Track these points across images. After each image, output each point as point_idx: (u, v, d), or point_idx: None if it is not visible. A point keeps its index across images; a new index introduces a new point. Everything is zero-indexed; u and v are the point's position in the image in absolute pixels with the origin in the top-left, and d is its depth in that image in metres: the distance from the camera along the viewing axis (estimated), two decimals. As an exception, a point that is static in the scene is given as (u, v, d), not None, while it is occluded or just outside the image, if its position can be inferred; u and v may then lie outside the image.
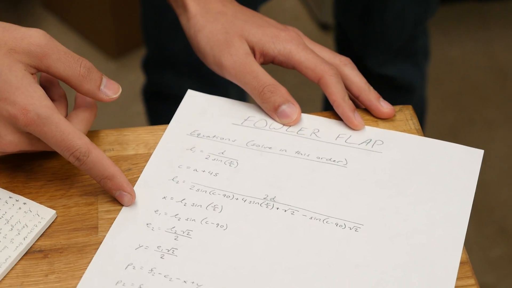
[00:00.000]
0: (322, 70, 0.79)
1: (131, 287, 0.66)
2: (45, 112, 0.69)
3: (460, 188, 0.73)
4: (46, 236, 0.70)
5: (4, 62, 0.70)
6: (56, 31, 2.27)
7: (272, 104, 0.79)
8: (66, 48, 0.73)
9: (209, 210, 0.71)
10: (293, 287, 0.65)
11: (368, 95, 0.80)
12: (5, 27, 0.72)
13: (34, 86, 0.70)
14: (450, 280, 0.66)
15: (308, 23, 2.28)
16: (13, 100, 0.69)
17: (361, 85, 0.81)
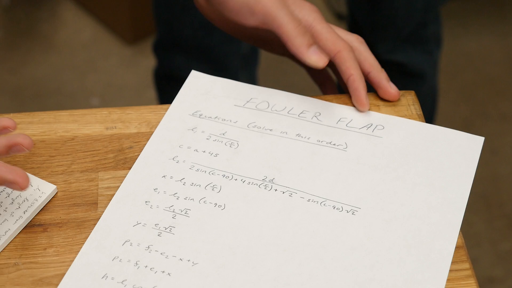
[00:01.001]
0: (339, 45, 0.79)
1: (127, 264, 0.66)
2: None
3: (459, 175, 0.73)
4: (46, 210, 0.71)
5: None
6: (72, 16, 2.28)
7: (304, 46, 0.78)
8: None
9: (208, 190, 0.72)
10: (288, 268, 0.66)
11: (379, 73, 0.80)
12: None
13: None
14: (445, 264, 0.66)
15: (324, 12, 2.28)
16: None
17: (373, 63, 0.81)
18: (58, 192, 0.72)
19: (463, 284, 0.66)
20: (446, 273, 0.65)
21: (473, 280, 0.66)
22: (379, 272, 0.65)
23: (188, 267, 0.66)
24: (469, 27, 2.27)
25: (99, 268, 0.66)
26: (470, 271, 0.66)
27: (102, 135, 0.77)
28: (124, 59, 2.18)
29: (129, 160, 0.75)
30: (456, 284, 0.65)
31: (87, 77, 2.14)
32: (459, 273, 0.66)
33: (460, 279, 0.66)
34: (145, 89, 2.09)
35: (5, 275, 0.66)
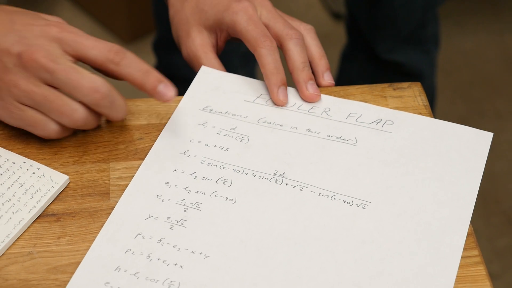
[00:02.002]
0: (256, 42, 0.79)
1: (140, 256, 0.67)
2: None
3: (468, 170, 0.73)
4: (59, 200, 0.72)
5: None
6: (70, 15, 2.29)
7: None
8: None
9: (219, 184, 0.73)
10: (299, 261, 0.67)
11: (299, 75, 0.80)
12: (25, 20, 0.73)
13: None
14: (455, 258, 0.67)
15: (321, 12, 2.29)
16: None
17: (295, 64, 0.80)
18: (70, 183, 0.73)
19: (472, 270, 0.66)
20: (456, 266, 0.66)
21: (482, 266, 0.67)
22: (389, 266, 0.66)
23: (200, 260, 0.67)
24: (465, 26, 2.28)
25: (112, 261, 0.67)
26: (479, 257, 0.67)
27: (113, 126, 0.78)
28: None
29: (140, 151, 0.76)
30: (466, 270, 0.66)
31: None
32: (469, 260, 0.67)
33: (470, 266, 0.67)
34: (143, 87, 2.09)
35: (20, 263, 0.67)
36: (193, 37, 0.84)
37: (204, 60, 0.83)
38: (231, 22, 0.81)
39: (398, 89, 0.81)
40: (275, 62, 0.79)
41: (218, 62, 0.83)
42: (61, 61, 0.71)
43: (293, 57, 0.80)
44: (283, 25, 0.81)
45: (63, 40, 0.72)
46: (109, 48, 0.73)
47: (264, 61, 0.79)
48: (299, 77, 0.80)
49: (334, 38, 2.14)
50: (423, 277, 0.65)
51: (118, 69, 0.73)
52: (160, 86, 0.74)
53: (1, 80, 0.72)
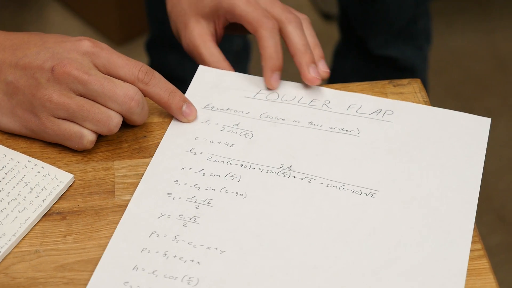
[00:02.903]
0: (258, 23, 0.80)
1: (156, 254, 0.67)
2: None
3: (470, 154, 0.75)
4: (64, 199, 0.72)
5: None
6: (60, 18, 2.28)
7: None
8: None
9: (228, 180, 0.73)
10: (313, 251, 0.67)
11: (301, 57, 0.81)
12: (56, 39, 0.75)
13: None
14: (466, 241, 0.68)
15: (311, 12, 2.29)
16: None
17: (297, 46, 0.81)
18: (75, 181, 0.73)
19: (476, 264, 0.67)
20: (468, 250, 0.67)
21: (486, 260, 0.67)
22: (402, 252, 0.67)
23: (216, 255, 0.67)
24: (454, 25, 2.29)
25: (129, 260, 0.67)
26: (482, 251, 0.68)
27: (116, 124, 0.78)
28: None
29: (143, 149, 0.76)
30: (470, 264, 0.67)
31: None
32: (472, 254, 0.67)
33: (473, 259, 0.67)
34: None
35: (27, 262, 0.67)
36: (191, 28, 0.84)
37: (203, 49, 0.83)
38: (229, 6, 0.81)
39: (398, 85, 0.82)
40: (275, 45, 0.80)
41: (217, 50, 0.84)
42: (93, 72, 0.73)
43: (294, 40, 0.80)
44: (281, 9, 0.82)
45: (95, 55, 0.74)
46: (139, 67, 0.75)
47: (265, 43, 0.79)
48: (301, 59, 0.80)
49: (325, 38, 2.14)
50: (436, 261, 0.66)
51: (147, 89, 0.75)
52: (184, 106, 0.77)
53: (34, 97, 0.73)
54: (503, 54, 2.22)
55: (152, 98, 0.76)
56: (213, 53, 0.83)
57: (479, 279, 0.66)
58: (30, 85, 0.73)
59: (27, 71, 0.73)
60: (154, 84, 0.76)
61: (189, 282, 0.65)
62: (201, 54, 0.83)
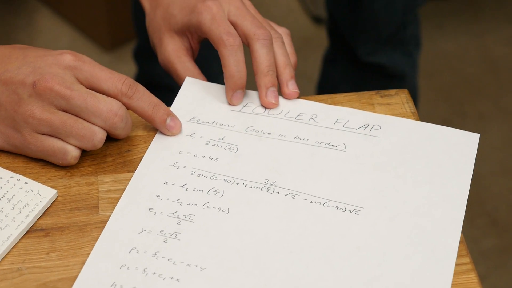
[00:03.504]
0: (219, 41, 0.79)
1: (135, 271, 0.66)
2: None
3: (458, 171, 0.74)
4: (47, 215, 0.71)
5: None
6: (50, 24, 2.27)
7: None
8: None
9: (211, 195, 0.72)
10: (296, 269, 0.66)
11: (261, 79, 0.80)
12: (38, 53, 0.74)
13: None
14: (450, 260, 0.67)
15: (302, 16, 2.29)
16: None
17: (260, 67, 0.80)
18: (58, 197, 0.72)
19: (464, 278, 0.66)
20: (452, 268, 0.66)
21: (474, 274, 0.67)
22: (386, 270, 0.66)
23: (196, 272, 0.66)
24: (445, 28, 2.29)
25: (108, 277, 0.66)
26: (470, 265, 0.67)
27: (100, 139, 0.77)
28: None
29: (128, 163, 0.75)
30: (457, 278, 0.66)
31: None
32: (460, 268, 0.67)
33: (461, 273, 0.67)
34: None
35: (9, 280, 0.66)
36: (166, 44, 0.84)
37: (177, 64, 0.83)
38: (196, 23, 0.81)
39: (386, 96, 0.82)
40: (236, 64, 0.78)
41: (192, 64, 0.83)
42: (76, 87, 0.72)
43: (259, 60, 0.79)
44: (251, 23, 0.80)
45: (77, 69, 0.73)
46: (122, 81, 0.74)
47: (225, 62, 0.79)
48: (261, 81, 0.79)
49: (316, 42, 2.15)
50: (420, 280, 0.66)
51: (130, 102, 0.75)
52: (168, 120, 0.76)
53: (16, 113, 0.72)
54: (495, 56, 2.21)
55: (135, 111, 0.76)
56: (188, 68, 0.83)
57: (467, 294, 0.66)
58: (11, 101, 0.72)
59: (9, 86, 0.72)
60: (138, 98, 0.75)
61: None
62: (176, 69, 0.83)
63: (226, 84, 0.79)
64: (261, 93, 0.79)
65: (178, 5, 0.83)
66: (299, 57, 0.88)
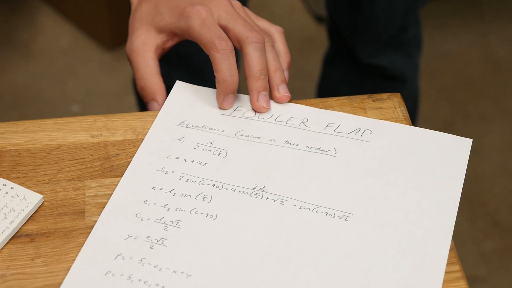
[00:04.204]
0: (210, 45, 0.78)
1: (120, 278, 0.65)
2: None
3: (449, 177, 0.73)
4: (33, 220, 0.70)
5: None
6: (51, 23, 2.27)
7: (142, 98, 0.83)
8: None
9: (199, 200, 0.71)
10: (283, 276, 0.65)
11: (253, 83, 0.79)
12: None
13: None
14: (439, 268, 0.66)
15: (304, 15, 2.28)
16: None
17: (252, 71, 0.79)
18: (44, 202, 0.72)
19: (453, 286, 0.66)
20: (442, 276, 0.65)
21: (464, 282, 0.66)
22: (374, 278, 0.65)
23: (182, 280, 0.65)
24: (448, 28, 2.28)
25: (92, 284, 0.65)
26: (460, 273, 0.66)
27: (88, 143, 0.77)
28: (104, 64, 2.17)
29: (115, 168, 0.74)
30: (447, 286, 0.65)
31: (67, 84, 2.12)
32: (450, 275, 0.66)
33: (451, 281, 0.66)
34: (125, 94, 2.08)
35: (-7, 287, 0.66)
36: (138, 34, 0.83)
37: (140, 57, 0.82)
38: (185, 26, 0.80)
39: (378, 100, 0.81)
40: (229, 68, 0.78)
41: (154, 62, 0.83)
42: None
43: (251, 63, 0.78)
44: (243, 26, 0.79)
45: None
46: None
47: (218, 67, 0.78)
48: (252, 85, 0.79)
49: (318, 42, 2.14)
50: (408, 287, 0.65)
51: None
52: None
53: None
54: (497, 57, 2.20)
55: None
56: (148, 64, 0.82)
57: (457, 302, 0.65)
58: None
59: None
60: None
61: None
62: (137, 62, 0.82)
63: (218, 88, 0.79)
64: (252, 97, 0.79)
65: (167, 4, 0.82)
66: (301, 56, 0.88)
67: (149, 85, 0.81)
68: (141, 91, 0.83)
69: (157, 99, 0.81)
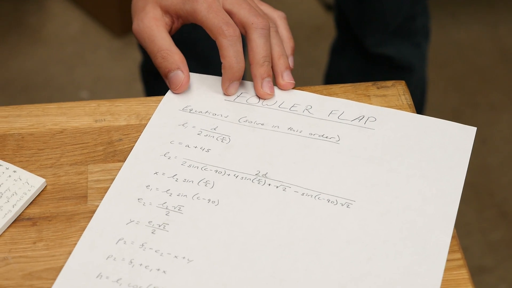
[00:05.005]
0: (218, 31, 0.78)
1: (121, 262, 0.66)
2: None
3: (453, 166, 0.72)
4: (35, 204, 0.70)
5: None
6: (61, 9, 2.27)
7: (162, 70, 0.80)
8: None
9: (201, 186, 0.71)
10: (284, 263, 0.65)
11: (257, 70, 0.79)
12: None
13: None
14: (441, 256, 0.66)
15: (313, 4, 2.27)
16: None
17: (256, 57, 0.79)
18: (47, 186, 0.72)
19: (455, 274, 0.65)
20: (443, 264, 0.65)
21: (465, 270, 0.66)
22: (375, 266, 0.65)
23: (183, 265, 0.65)
24: (458, 17, 2.27)
25: (93, 268, 0.65)
26: (462, 261, 0.66)
27: (91, 127, 0.77)
28: (113, 51, 2.17)
29: (118, 152, 0.74)
30: (448, 274, 0.65)
31: (76, 70, 2.13)
32: (451, 263, 0.66)
33: (452, 269, 0.66)
34: (134, 81, 2.08)
35: (-6, 270, 0.66)
36: (147, 11, 0.82)
37: (155, 31, 0.80)
38: (191, 9, 0.79)
39: (382, 87, 0.80)
40: (236, 55, 0.77)
41: (168, 35, 0.81)
42: None
43: (255, 50, 0.78)
44: (248, 12, 0.79)
45: None
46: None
47: (224, 53, 0.77)
48: (256, 72, 0.78)
49: (327, 30, 2.13)
50: (410, 276, 0.64)
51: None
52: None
53: None
54: (508, 47, 2.19)
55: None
56: (165, 37, 0.80)
57: (458, 290, 0.65)
58: None
59: None
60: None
61: None
62: (153, 35, 0.80)
63: (223, 75, 0.78)
64: (256, 83, 0.78)
65: None
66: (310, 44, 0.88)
67: (171, 54, 0.79)
68: (162, 62, 0.80)
69: (181, 67, 0.79)
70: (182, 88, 0.79)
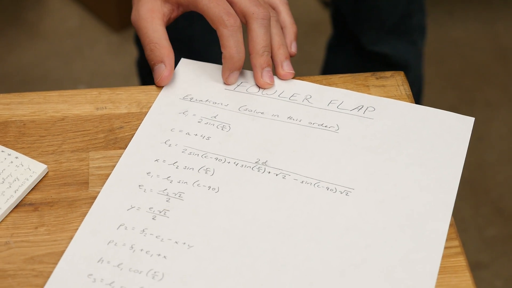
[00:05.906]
0: (218, 21, 0.78)
1: (123, 247, 0.66)
2: None
3: (450, 155, 0.73)
4: (37, 190, 0.71)
5: None
6: (59, 3, 2.27)
7: (149, 62, 0.81)
8: None
9: (201, 173, 0.72)
10: (283, 250, 0.66)
11: (256, 60, 0.79)
12: None
13: None
14: (439, 243, 0.66)
15: (311, 0, 2.28)
16: None
17: (256, 47, 0.79)
18: (48, 172, 0.72)
19: (452, 261, 0.66)
20: (441, 252, 0.66)
21: (463, 257, 0.66)
22: (374, 252, 0.66)
23: (183, 250, 0.66)
24: (455, 14, 2.27)
25: (95, 252, 0.66)
26: (459, 248, 0.67)
27: (93, 115, 0.77)
28: (111, 46, 2.18)
29: (119, 140, 0.75)
30: (446, 261, 0.66)
31: (74, 65, 2.13)
32: (449, 251, 0.66)
33: (450, 256, 0.66)
34: (132, 75, 2.08)
35: (-4, 254, 0.66)
36: (145, 1, 0.82)
37: (148, 23, 0.81)
38: None
39: (381, 78, 0.81)
40: (236, 45, 0.78)
41: (162, 28, 0.81)
42: None
43: (255, 40, 0.79)
44: (249, 1, 0.79)
45: None
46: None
47: (225, 43, 0.78)
48: (256, 61, 0.79)
49: (324, 27, 2.14)
50: (408, 263, 0.65)
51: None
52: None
53: None
54: (504, 44, 2.20)
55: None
56: (157, 30, 0.81)
57: (455, 277, 0.65)
58: None
59: None
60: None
61: (154, 277, 0.64)
62: (145, 27, 0.81)
63: (224, 64, 0.79)
64: (256, 73, 0.79)
65: None
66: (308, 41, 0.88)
67: (158, 47, 0.80)
68: (150, 54, 0.81)
69: (165, 61, 0.79)
70: (163, 82, 0.79)
